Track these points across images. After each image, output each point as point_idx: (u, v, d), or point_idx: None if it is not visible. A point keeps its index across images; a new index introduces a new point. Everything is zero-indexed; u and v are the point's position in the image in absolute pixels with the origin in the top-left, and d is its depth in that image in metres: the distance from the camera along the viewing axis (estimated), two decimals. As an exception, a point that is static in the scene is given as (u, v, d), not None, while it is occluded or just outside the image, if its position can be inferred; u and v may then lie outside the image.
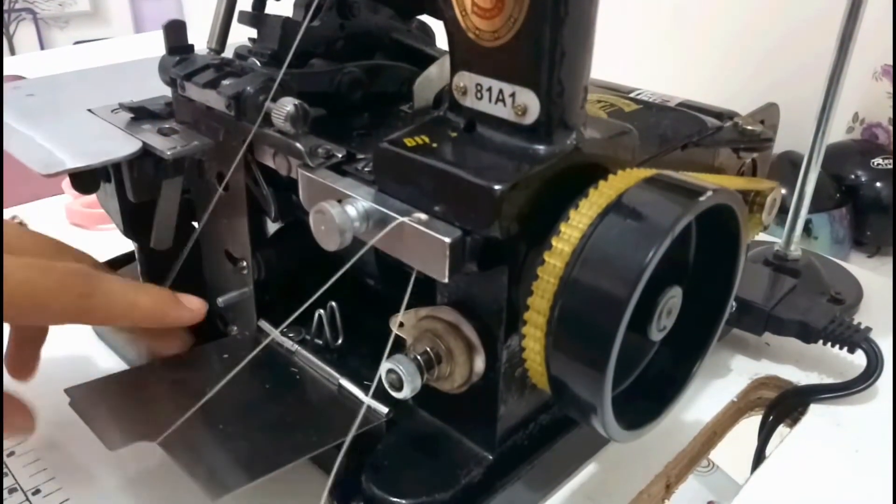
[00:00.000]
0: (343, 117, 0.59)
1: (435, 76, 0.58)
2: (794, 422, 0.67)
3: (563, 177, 0.46)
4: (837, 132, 2.70)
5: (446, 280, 0.45)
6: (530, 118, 0.45)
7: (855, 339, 0.68)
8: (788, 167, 2.14)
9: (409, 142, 0.47)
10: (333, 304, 0.63)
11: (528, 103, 0.45)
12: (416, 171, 0.46)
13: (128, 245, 0.70)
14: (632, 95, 0.68)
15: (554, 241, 0.43)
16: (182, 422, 0.52)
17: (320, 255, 0.65)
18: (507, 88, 0.45)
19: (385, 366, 0.50)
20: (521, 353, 0.46)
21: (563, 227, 0.43)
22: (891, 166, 2.51)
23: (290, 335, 0.63)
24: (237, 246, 0.62)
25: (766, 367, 0.73)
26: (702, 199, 0.43)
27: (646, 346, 0.53)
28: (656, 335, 0.48)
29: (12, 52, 2.91)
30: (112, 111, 0.60)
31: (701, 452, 0.66)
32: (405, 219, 0.45)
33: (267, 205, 0.60)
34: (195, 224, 0.66)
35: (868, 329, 0.68)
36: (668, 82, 0.81)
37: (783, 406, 0.69)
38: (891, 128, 2.64)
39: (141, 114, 0.60)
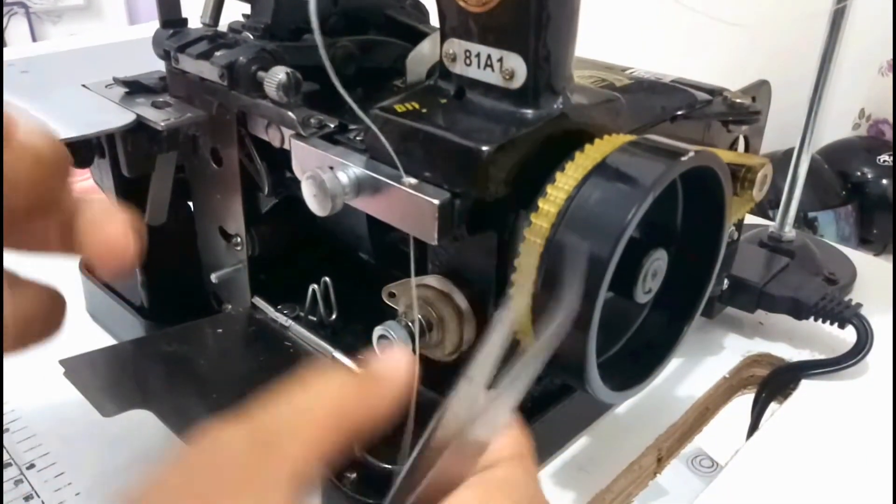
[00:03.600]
0: (336, 91, 0.59)
1: (428, 51, 0.58)
2: (785, 398, 0.67)
3: (550, 140, 0.46)
4: (843, 129, 2.69)
5: (435, 242, 0.45)
6: (517, 82, 0.46)
7: (845, 314, 0.68)
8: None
9: (399, 108, 0.48)
10: (327, 279, 0.63)
11: (516, 67, 0.45)
12: (406, 135, 0.46)
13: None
14: (625, 73, 0.68)
15: (540, 203, 0.44)
16: (176, 391, 0.52)
17: (314, 231, 0.65)
18: (495, 53, 0.46)
19: (377, 331, 0.51)
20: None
21: (549, 189, 0.44)
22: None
23: (284, 312, 0.64)
24: (231, 222, 0.63)
25: (758, 346, 0.73)
26: (684, 158, 0.43)
27: (634, 310, 0.53)
28: (642, 297, 0.48)
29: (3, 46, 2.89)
30: (106, 86, 0.61)
31: (693, 428, 0.66)
32: (395, 183, 0.46)
33: (260, 179, 0.61)
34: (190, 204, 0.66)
35: (858, 305, 0.69)
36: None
37: (775, 383, 0.69)
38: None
39: (135, 88, 0.60)
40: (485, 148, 0.43)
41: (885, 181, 2.51)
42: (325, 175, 0.47)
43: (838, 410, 0.65)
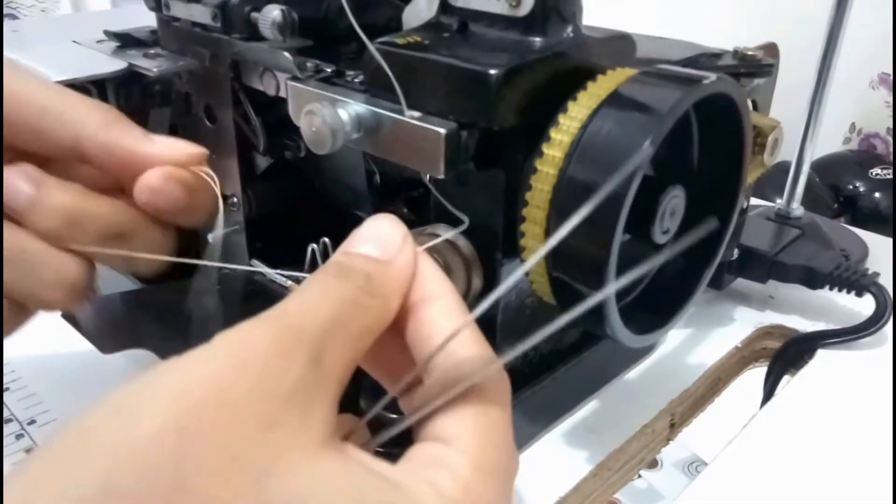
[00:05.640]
0: (331, 46, 0.58)
1: (424, 6, 0.57)
2: (798, 370, 0.65)
3: (560, 70, 0.44)
4: (835, 143, 2.68)
5: (442, 175, 0.43)
6: (525, 9, 0.44)
7: (863, 282, 0.65)
8: (783, 177, 2.11)
9: (400, 41, 0.46)
10: (327, 240, 0.61)
11: (523, -8, 0.43)
12: (409, 67, 0.44)
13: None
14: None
15: (552, 133, 0.42)
16: (176, 333, 0.50)
17: (312, 190, 0.63)
18: (502, -22, 0.44)
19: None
20: (520, 254, 0.45)
21: (561, 119, 0.42)
22: (890, 176, 2.48)
23: (284, 275, 0.62)
24: (227, 182, 0.61)
25: (769, 318, 0.71)
26: (706, 82, 0.41)
27: (653, 254, 0.51)
28: (660, 237, 0.46)
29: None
30: (97, 42, 0.59)
31: (706, 397, 0.64)
32: (399, 116, 0.44)
33: (256, 137, 0.59)
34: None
35: (876, 273, 0.66)
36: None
37: (789, 353, 0.67)
38: (889, 138, 2.62)
39: (126, 41, 0.58)
40: (493, 72, 0.41)
41: (877, 194, 2.50)
42: (325, 110, 0.45)
43: (855, 380, 0.62)
